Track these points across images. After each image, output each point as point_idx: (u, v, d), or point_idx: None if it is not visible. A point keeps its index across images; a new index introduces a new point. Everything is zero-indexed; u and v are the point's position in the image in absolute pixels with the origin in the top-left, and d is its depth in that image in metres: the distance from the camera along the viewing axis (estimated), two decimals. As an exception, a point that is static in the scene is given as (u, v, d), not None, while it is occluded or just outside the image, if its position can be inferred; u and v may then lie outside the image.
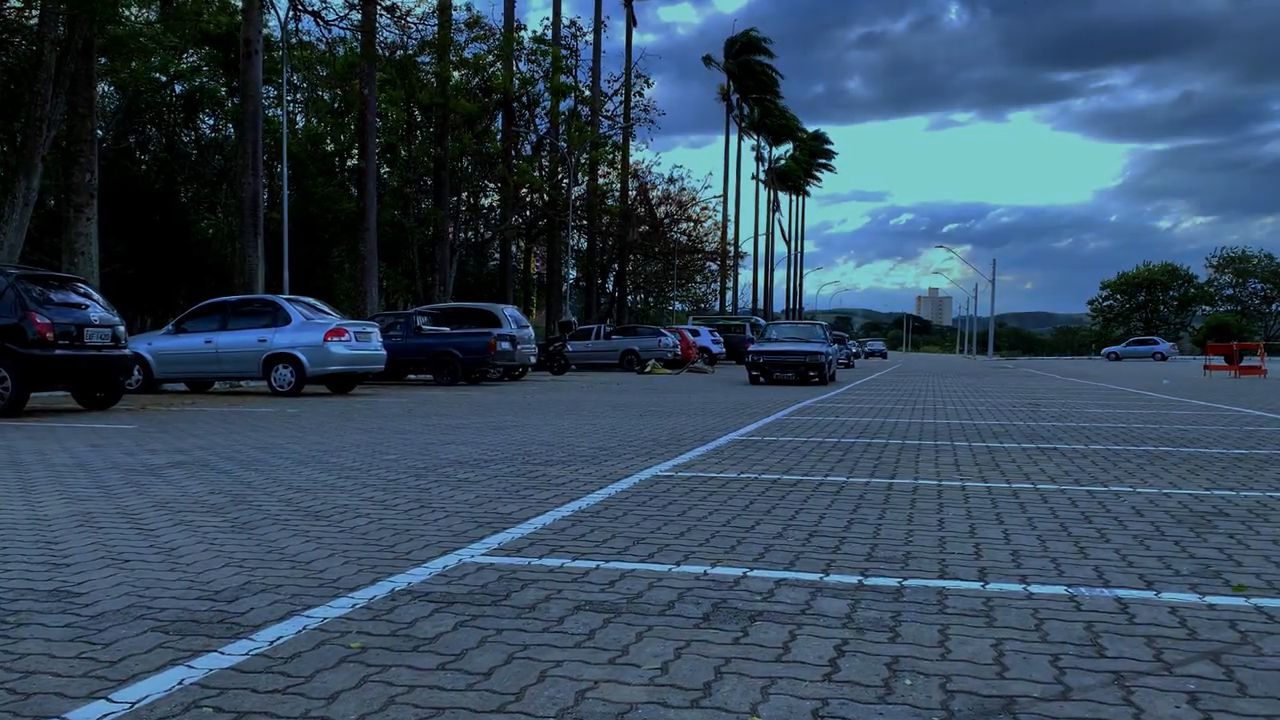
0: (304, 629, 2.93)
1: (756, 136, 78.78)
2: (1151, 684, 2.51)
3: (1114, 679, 2.55)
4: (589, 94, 44.24)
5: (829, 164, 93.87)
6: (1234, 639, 2.88)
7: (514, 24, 37.76)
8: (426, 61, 32.34)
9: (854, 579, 3.57)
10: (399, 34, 30.19)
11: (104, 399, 12.55)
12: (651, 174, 56.67)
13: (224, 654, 2.69)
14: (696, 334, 37.15)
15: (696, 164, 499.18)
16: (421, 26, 30.75)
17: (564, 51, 40.63)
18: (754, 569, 3.71)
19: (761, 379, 21.44)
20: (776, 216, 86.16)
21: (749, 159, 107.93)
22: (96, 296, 12.65)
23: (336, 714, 2.29)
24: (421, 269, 37.03)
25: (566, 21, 42.52)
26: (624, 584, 3.49)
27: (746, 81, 72.01)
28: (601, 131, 45.01)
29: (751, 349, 22.41)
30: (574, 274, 49.23)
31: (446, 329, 21.03)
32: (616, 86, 48.29)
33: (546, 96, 40.09)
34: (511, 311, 23.42)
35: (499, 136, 39.81)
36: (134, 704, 2.34)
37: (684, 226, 57.34)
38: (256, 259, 21.35)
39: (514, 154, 39.89)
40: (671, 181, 60.74)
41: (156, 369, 15.84)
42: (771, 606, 3.19)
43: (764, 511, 4.97)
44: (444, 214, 33.39)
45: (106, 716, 2.27)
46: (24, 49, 21.71)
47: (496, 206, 44.66)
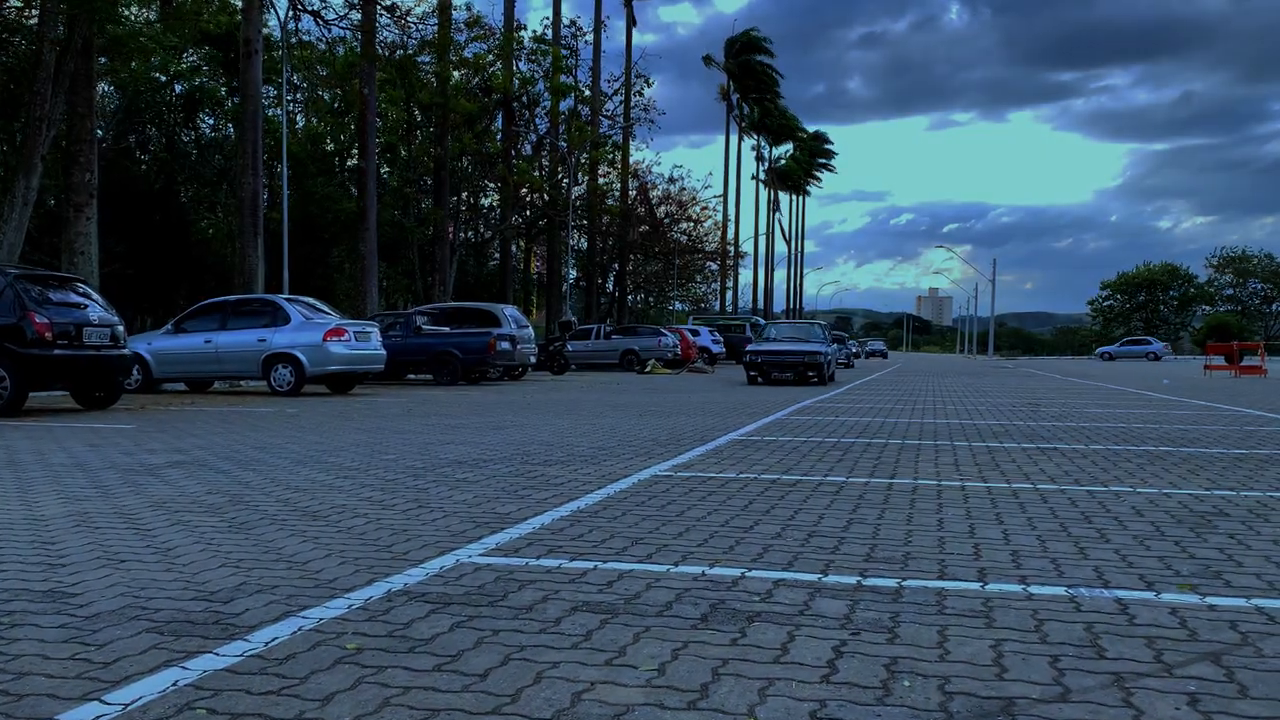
0: (299, 630, 2.91)
1: (756, 136, 78.79)
2: (1151, 685, 2.50)
3: (1114, 680, 2.53)
4: (589, 94, 44.23)
5: (829, 164, 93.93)
6: (1234, 640, 2.87)
7: (514, 24, 37.78)
8: (426, 61, 32.33)
9: (853, 579, 3.56)
10: (399, 34, 30.21)
11: (103, 399, 12.54)
12: (651, 174, 56.68)
13: (218, 655, 2.68)
14: (696, 334, 37.14)
15: (696, 164, 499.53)
16: (421, 26, 30.78)
17: (564, 51, 40.63)
18: (752, 569, 3.70)
19: (759, 379, 21.05)
20: (776, 216, 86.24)
21: (749, 159, 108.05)
22: (96, 296, 12.64)
23: (331, 715, 2.27)
24: (421, 269, 37.03)
25: (566, 21, 42.59)
26: (622, 584, 3.47)
27: (746, 81, 72.00)
28: (601, 131, 45.01)
29: (749, 349, 21.98)
30: (574, 274, 49.23)
31: (446, 329, 21.03)
32: (616, 86, 48.34)
33: (546, 96, 40.09)
34: (511, 311, 23.41)
35: (499, 136, 39.81)
36: (127, 705, 2.32)
37: (684, 226, 57.39)
38: (256, 259, 21.35)
39: (514, 154, 39.89)
40: (672, 181, 60.84)
41: (156, 369, 15.83)
42: (770, 607, 3.18)
43: (763, 512, 4.96)
44: (444, 214, 33.38)
45: (99, 718, 2.26)
46: (24, 48, 21.71)
47: (496, 206, 44.66)
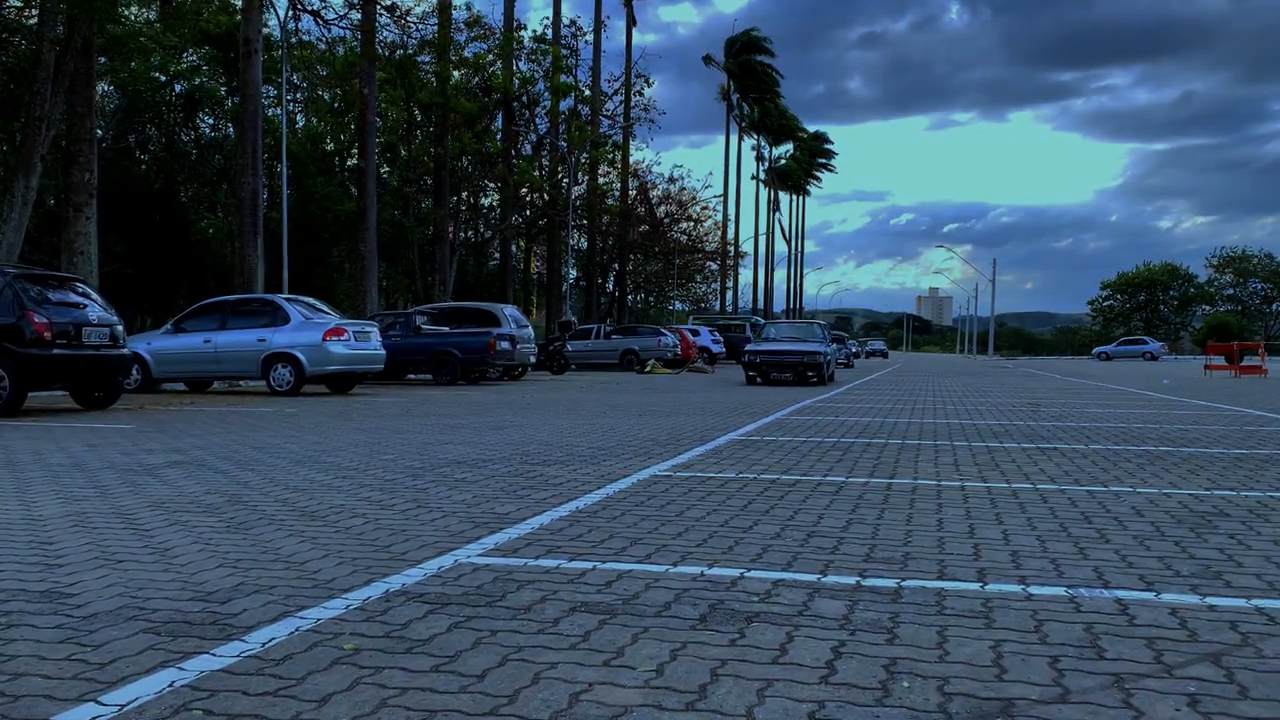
0: (297, 630, 2.90)
1: (757, 136, 78.78)
2: (1151, 686, 2.49)
3: (1114, 681, 2.52)
4: (589, 93, 44.22)
5: (829, 164, 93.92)
6: (1235, 640, 2.86)
7: (514, 23, 37.78)
8: (426, 61, 32.32)
9: (852, 580, 3.55)
10: (399, 33, 30.20)
11: (102, 399, 12.53)
12: (651, 173, 56.67)
13: (215, 656, 2.67)
14: (696, 334, 37.12)
15: (697, 164, 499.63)
16: (421, 26, 30.78)
17: (564, 51, 40.62)
18: (751, 569, 3.69)
19: (758, 379, 20.84)
20: (776, 216, 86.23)
21: (749, 159, 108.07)
22: (95, 296, 12.63)
23: (327, 716, 2.27)
24: (421, 268, 37.02)
25: (566, 21, 42.59)
26: (620, 585, 3.46)
27: (747, 81, 71.98)
28: (601, 131, 45.00)
29: (748, 348, 21.74)
30: (574, 274, 49.22)
31: (446, 328, 21.01)
32: (616, 86, 48.34)
33: (546, 96, 40.07)
34: (511, 311, 23.39)
35: (499, 136, 39.79)
36: (123, 706, 2.31)
37: (684, 226, 57.40)
38: (256, 258, 21.34)
39: (514, 153, 39.88)
40: (672, 181, 60.86)
41: (155, 369, 15.82)
42: (769, 608, 3.17)
43: (762, 512, 4.95)
44: (444, 213, 33.37)
45: (95, 719, 2.25)
46: (23, 48, 21.70)
47: (496, 206, 44.65)
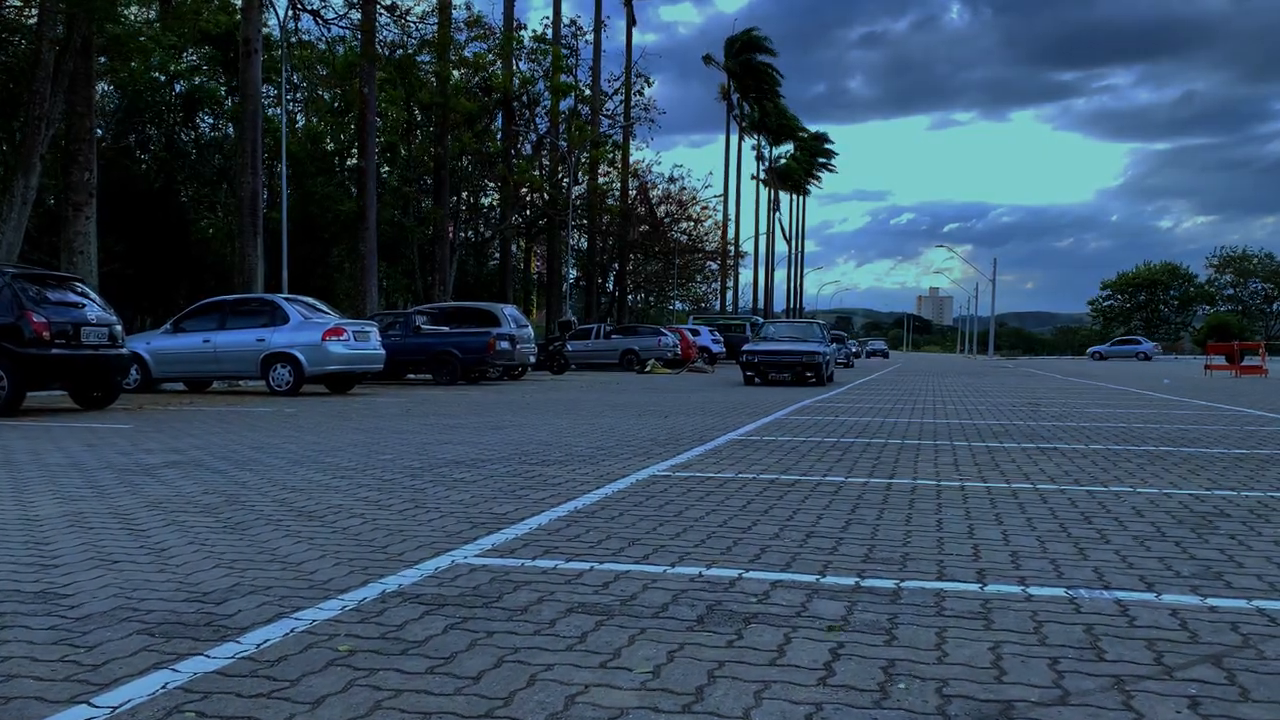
0: (292, 631, 2.89)
1: (757, 136, 78.74)
2: (1152, 688, 2.47)
3: (1114, 683, 2.51)
4: (589, 93, 44.17)
5: (829, 164, 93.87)
6: (1236, 642, 2.84)
7: (514, 23, 37.74)
8: (426, 60, 32.29)
9: (851, 580, 3.53)
10: (399, 33, 30.19)
11: (101, 398, 12.51)
12: (652, 173, 56.57)
13: (209, 657, 2.65)
14: (697, 333, 37.09)
15: (697, 163, 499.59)
16: (421, 25, 30.77)
17: (564, 50, 40.56)
18: (750, 570, 3.67)
19: (756, 379, 20.53)
20: (777, 216, 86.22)
21: (749, 158, 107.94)
22: (94, 296, 12.61)
23: (321, 719, 2.25)
24: (421, 268, 36.99)
25: (566, 20, 42.54)
26: (618, 586, 3.45)
27: (747, 81, 71.94)
28: (602, 131, 44.95)
29: (746, 348, 21.37)
30: (574, 273, 49.19)
31: (445, 328, 20.98)
32: (617, 86, 48.28)
33: (546, 96, 40.03)
34: (511, 311, 23.36)
35: (499, 136, 39.76)
36: (115, 708, 2.30)
37: (684, 226, 57.34)
38: (256, 258, 21.32)
39: (514, 153, 39.84)
40: (672, 181, 60.77)
41: (154, 368, 15.80)
42: (767, 609, 3.15)
43: (761, 512, 4.93)
44: (444, 213, 33.34)
45: (87, 721, 2.23)
46: (23, 47, 21.69)
47: (496, 206, 44.61)
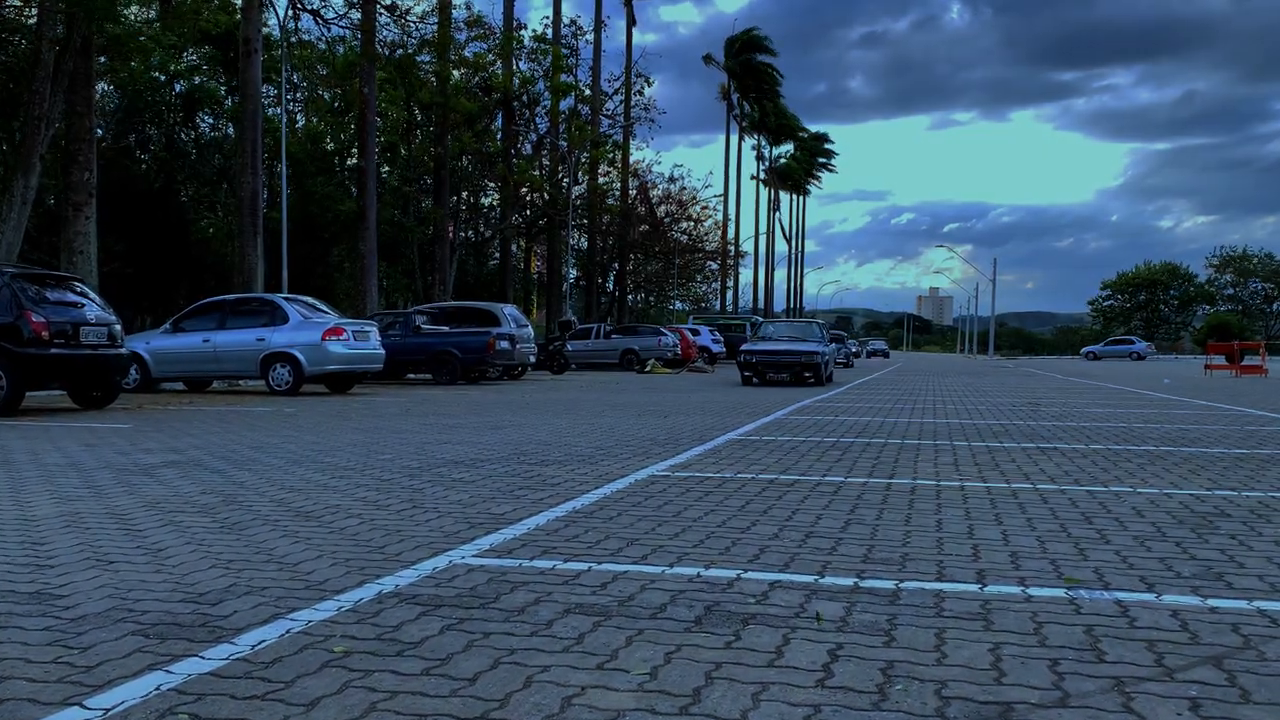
0: (287, 632, 2.87)
1: (757, 136, 78.71)
2: (1152, 690, 2.45)
3: (1114, 685, 2.49)
4: (589, 93, 44.15)
5: (829, 164, 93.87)
6: (1237, 643, 2.83)
7: (514, 23, 37.74)
8: (426, 60, 32.26)
9: (850, 581, 3.52)
10: (399, 33, 30.17)
11: (100, 398, 12.49)
12: (652, 173, 56.58)
13: (204, 658, 2.64)
14: (697, 333, 37.08)
15: (697, 163, 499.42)
16: (421, 25, 30.76)
17: (564, 50, 40.55)
18: (748, 571, 3.66)
19: (754, 379, 20.22)
20: (777, 216, 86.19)
21: (749, 158, 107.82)
22: (93, 295, 12.59)
23: (316, 721, 2.23)
24: (421, 268, 36.98)
25: (567, 20, 42.53)
26: (616, 586, 3.43)
27: (747, 81, 71.92)
28: (602, 130, 44.94)
29: (744, 348, 21.02)
30: (574, 273, 49.16)
31: (445, 328, 20.96)
32: (617, 85, 48.28)
33: (546, 95, 40.01)
34: (511, 311, 23.34)
35: (499, 136, 39.74)
36: (108, 710, 2.28)
37: (684, 226, 57.32)
38: (256, 258, 21.30)
39: (514, 153, 39.82)
40: (672, 180, 60.79)
41: (154, 368, 15.78)
42: (765, 609, 3.14)
43: (760, 512, 4.92)
44: (444, 213, 33.32)
45: (80, 723, 2.22)
46: (22, 47, 21.67)
47: (496, 206, 44.60)
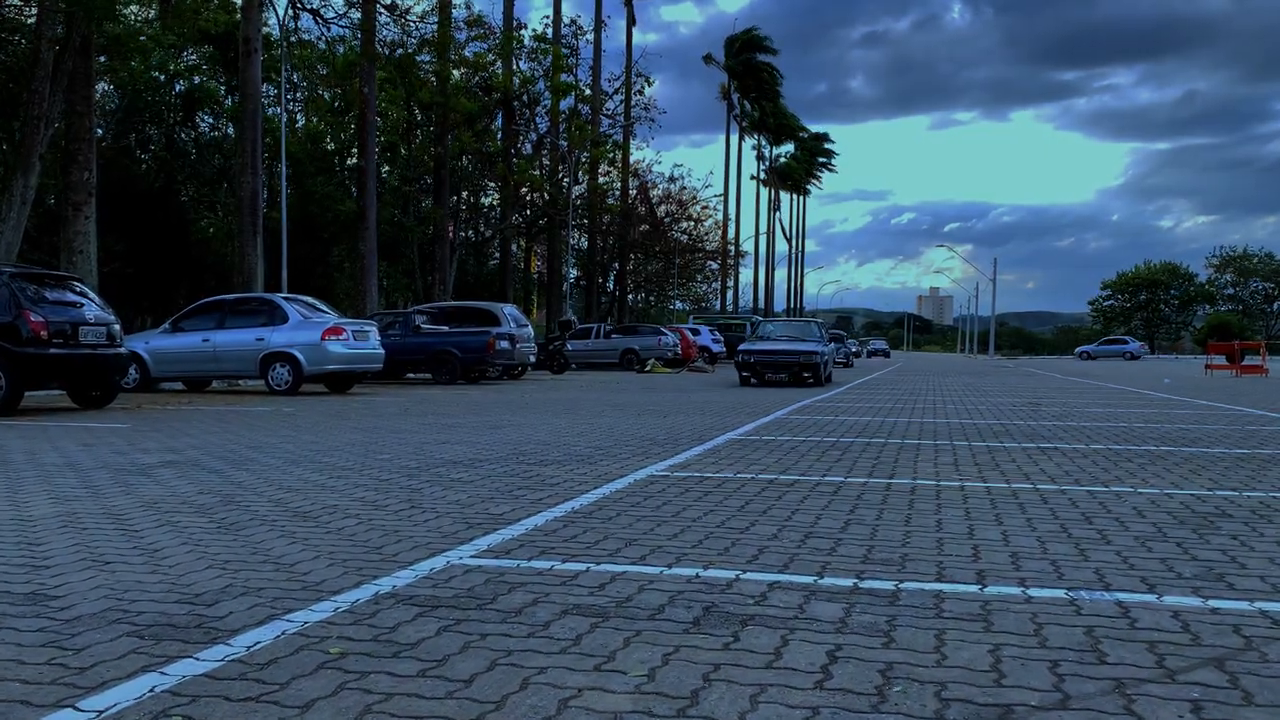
0: (283, 634, 2.85)
1: (757, 136, 78.68)
2: (1154, 692, 2.44)
3: (1115, 686, 2.47)
4: (589, 93, 44.11)
5: (830, 164, 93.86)
6: (1238, 644, 2.81)
7: (514, 23, 37.70)
8: (426, 60, 32.24)
9: (849, 582, 3.50)
10: (399, 32, 30.17)
11: (99, 398, 12.48)
12: (652, 173, 56.54)
13: (199, 660, 2.62)
14: (697, 333, 37.07)
15: (697, 163, 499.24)
16: (421, 25, 30.75)
17: (564, 50, 40.51)
18: (747, 571, 3.64)
19: (752, 380, 19.90)
20: (777, 215, 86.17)
21: (750, 158, 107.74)
22: (92, 295, 12.58)
23: (310, 723, 2.22)
24: (421, 268, 36.95)
25: (567, 20, 42.52)
26: (614, 587, 3.41)
27: (747, 80, 71.89)
28: (602, 130, 44.91)
29: (741, 348, 20.67)
30: (574, 273, 49.15)
31: (445, 328, 20.94)
32: (617, 85, 48.25)
33: (547, 95, 39.97)
34: (511, 310, 23.31)
35: (499, 135, 39.70)
36: (102, 712, 2.26)
37: (684, 225, 57.32)
38: (256, 258, 21.28)
39: (514, 153, 39.79)
40: (672, 180, 60.78)
41: (154, 368, 15.76)
42: (764, 610, 3.12)
43: (760, 512, 4.90)
44: (444, 213, 33.30)
45: (73, 725, 2.20)
46: (22, 47, 21.65)
47: (497, 205, 44.57)
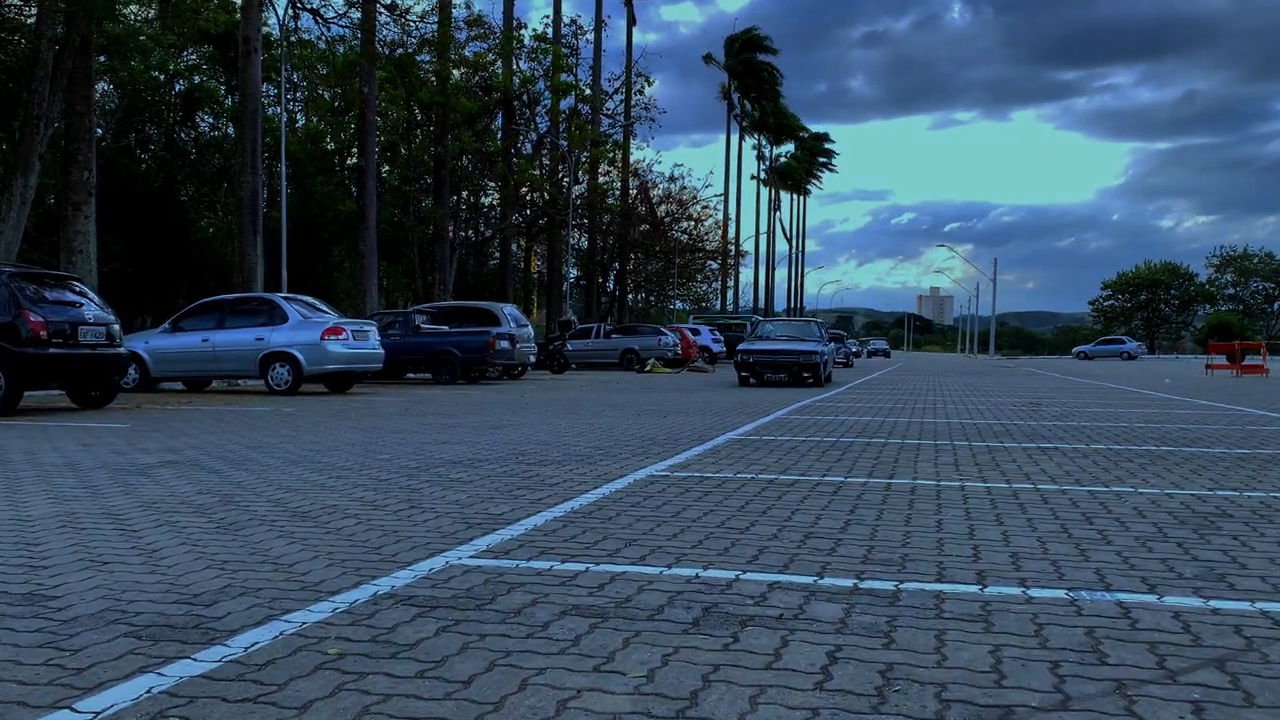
0: (281, 634, 2.84)
1: (757, 135, 78.68)
2: (1155, 693, 2.43)
3: (1116, 687, 2.46)
4: (589, 92, 44.09)
5: (830, 164, 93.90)
6: (1239, 645, 2.80)
7: (514, 22, 37.70)
8: (426, 60, 32.22)
9: (849, 582, 3.49)
10: (399, 32, 30.16)
11: (99, 398, 12.47)
12: (652, 172, 56.44)
13: (196, 661, 2.61)
14: (697, 333, 37.07)
15: (697, 163, 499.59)
16: (421, 25, 30.75)
17: (564, 50, 40.50)
18: (747, 572, 3.63)
19: (751, 380, 19.74)
20: (777, 215, 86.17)
21: (750, 158, 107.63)
22: (91, 295, 12.57)
23: (308, 724, 2.21)
24: (421, 268, 36.94)
25: (567, 20, 42.51)
26: (613, 587, 3.40)
27: (747, 80, 71.89)
28: (602, 130, 44.90)
29: (740, 348, 20.48)
30: (574, 273, 49.13)
31: (445, 328, 20.93)
32: (617, 85, 48.24)
33: (547, 95, 39.95)
34: (511, 310, 23.30)
35: (499, 135, 39.69)
36: (99, 713, 2.25)
37: (685, 225, 57.27)
38: (256, 258, 21.27)
39: (514, 153, 39.77)
40: (672, 180, 60.76)
41: (153, 368, 15.75)
42: (764, 611, 3.11)
43: (760, 512, 4.89)
44: (444, 213, 33.29)
45: (69, 727, 2.19)
46: (22, 46, 21.64)
47: (497, 205, 44.55)
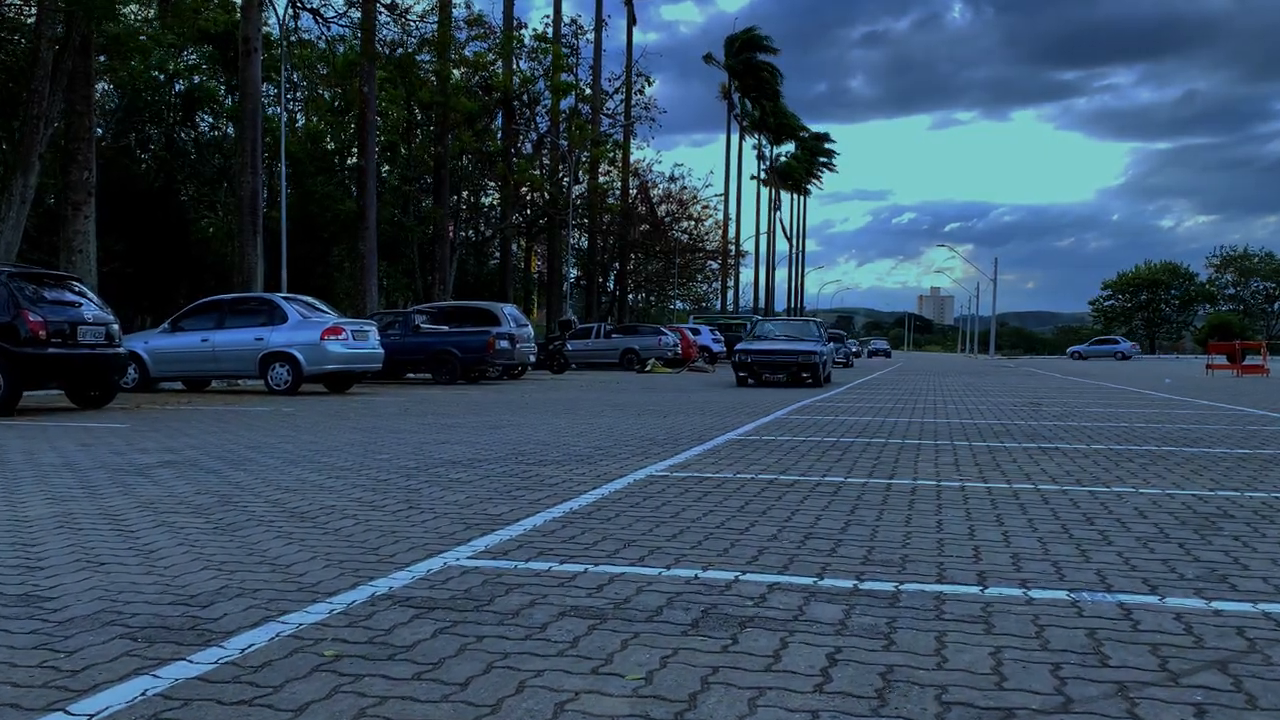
0: (278, 636, 2.83)
1: (757, 135, 78.67)
2: (1156, 695, 2.41)
3: (1117, 689, 2.45)
4: (590, 92, 44.10)
5: (830, 163, 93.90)
6: (1242, 647, 2.78)
7: (514, 22, 37.71)
8: (426, 60, 32.21)
9: (849, 583, 3.47)
10: (399, 32, 30.16)
11: (98, 398, 12.45)
12: (652, 172, 56.44)
13: (192, 662, 2.59)
14: (697, 333, 37.07)
15: (698, 162, 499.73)
16: (421, 24, 30.75)
17: (565, 50, 40.48)
18: (746, 573, 3.61)
19: (750, 380, 19.58)
20: (777, 215, 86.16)
21: (750, 158, 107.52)
22: (91, 295, 12.55)
23: (304, 727, 2.19)
24: (421, 268, 36.93)
25: (567, 19, 42.51)
26: (612, 588, 3.39)
27: (748, 80, 71.87)
28: (602, 130, 44.89)
29: (739, 348, 20.34)
30: (574, 273, 49.12)
31: (445, 328, 20.91)
32: (617, 85, 48.24)
33: (547, 95, 39.94)
34: (511, 310, 23.28)
35: (499, 135, 39.68)
36: (93, 716, 2.24)
37: (685, 225, 57.29)
38: (256, 257, 21.26)
39: (514, 152, 39.76)
40: (672, 180, 60.72)
41: (153, 368, 15.74)
42: (763, 612, 3.09)
43: (759, 513, 4.87)
44: (444, 212, 33.28)
45: (63, 729, 2.18)
46: (22, 46, 21.63)
47: (497, 205, 44.55)
